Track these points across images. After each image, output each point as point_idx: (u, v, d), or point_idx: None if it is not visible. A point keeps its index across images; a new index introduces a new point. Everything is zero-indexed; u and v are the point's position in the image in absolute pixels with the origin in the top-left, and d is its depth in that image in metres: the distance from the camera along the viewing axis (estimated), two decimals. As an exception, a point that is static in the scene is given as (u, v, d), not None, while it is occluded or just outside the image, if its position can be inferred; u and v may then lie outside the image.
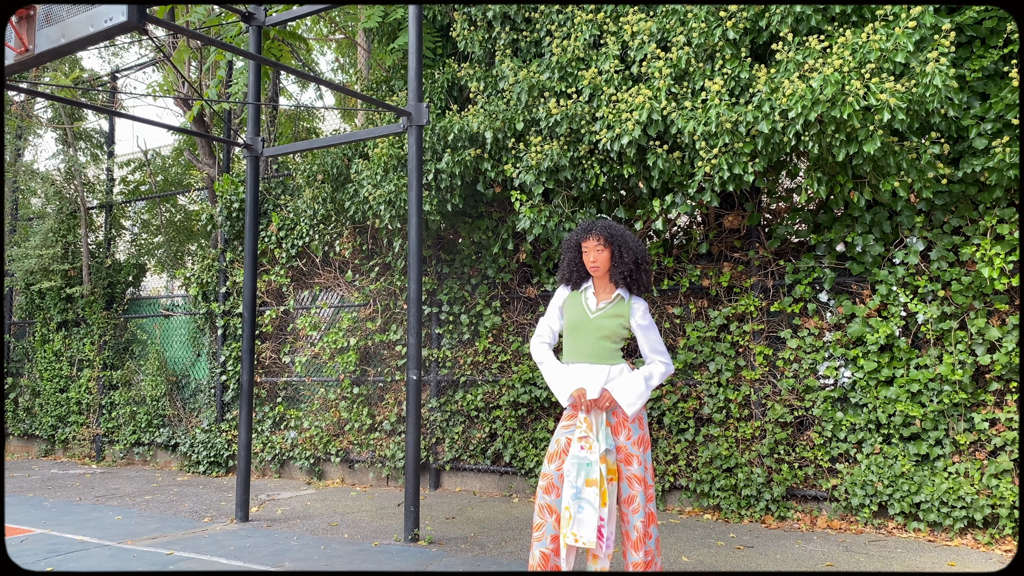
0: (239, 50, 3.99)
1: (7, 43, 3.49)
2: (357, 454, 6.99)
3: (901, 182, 4.48)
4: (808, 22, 4.54)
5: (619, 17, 5.24)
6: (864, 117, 4.21)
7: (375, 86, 7.00)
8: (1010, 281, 4.51)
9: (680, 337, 5.63)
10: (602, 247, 3.34)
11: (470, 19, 5.95)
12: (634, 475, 3.23)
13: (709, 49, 4.79)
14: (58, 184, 9.52)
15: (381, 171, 5.99)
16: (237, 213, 7.67)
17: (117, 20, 3.15)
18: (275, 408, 7.52)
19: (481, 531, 5.00)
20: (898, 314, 4.86)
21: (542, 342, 3.45)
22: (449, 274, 6.65)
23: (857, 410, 4.96)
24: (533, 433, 6.07)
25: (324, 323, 7.39)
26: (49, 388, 9.40)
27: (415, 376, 4.75)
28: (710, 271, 5.53)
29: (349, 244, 7.11)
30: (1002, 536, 4.45)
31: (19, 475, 7.96)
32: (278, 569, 4.16)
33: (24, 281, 9.54)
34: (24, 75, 8.83)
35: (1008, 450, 4.53)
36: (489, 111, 5.42)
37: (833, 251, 5.09)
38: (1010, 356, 4.49)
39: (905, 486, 4.65)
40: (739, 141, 4.54)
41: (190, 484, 7.16)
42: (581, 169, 5.19)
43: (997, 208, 4.60)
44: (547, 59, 5.41)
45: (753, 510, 5.18)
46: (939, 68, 4.08)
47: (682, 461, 5.47)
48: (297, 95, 15.11)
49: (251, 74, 5.56)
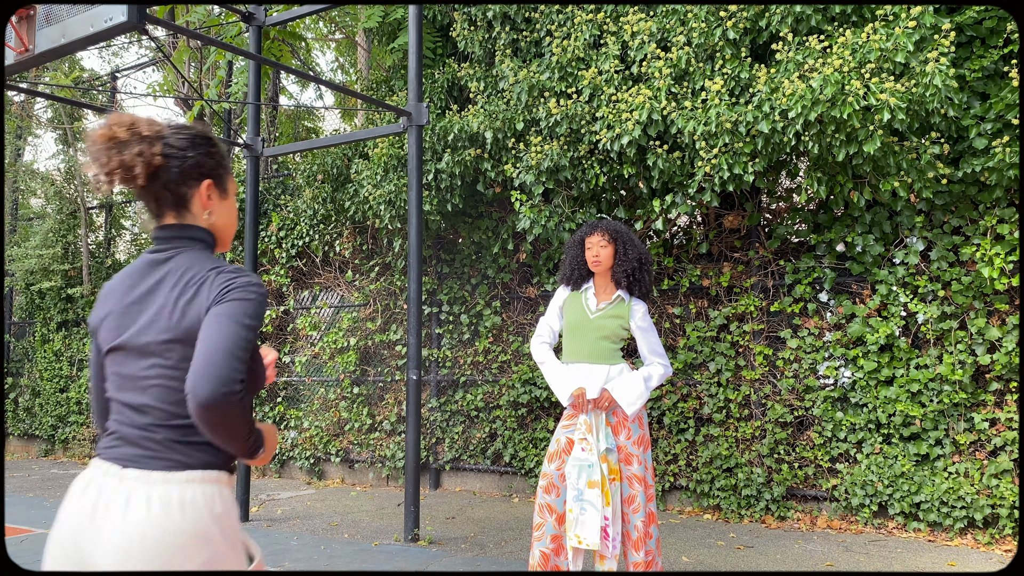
0: (239, 50, 3.99)
1: (7, 43, 3.49)
2: (357, 454, 6.99)
3: (901, 182, 4.48)
4: (808, 22, 4.54)
5: (619, 17, 5.24)
6: (864, 117, 4.21)
7: (375, 86, 7.00)
8: (1010, 281, 4.51)
9: (680, 337, 5.63)
10: (606, 243, 3.34)
11: (470, 19, 5.95)
12: (634, 475, 3.23)
13: (709, 49, 4.79)
14: (58, 184, 9.53)
15: (381, 171, 5.99)
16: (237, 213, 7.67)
17: (117, 20, 3.15)
18: (275, 408, 7.52)
19: (481, 531, 5.00)
20: (898, 314, 4.86)
21: (542, 342, 3.45)
22: (449, 274, 6.65)
23: (857, 410, 4.96)
24: (533, 433, 6.07)
25: (324, 323, 7.39)
26: (49, 388, 9.41)
27: (415, 376, 4.75)
28: (710, 271, 5.53)
29: (349, 244, 7.11)
30: (1002, 536, 4.45)
31: (19, 475, 7.96)
32: (278, 569, 4.16)
33: (24, 281, 9.54)
34: (24, 75, 8.83)
35: (1008, 450, 4.53)
36: (489, 111, 5.42)
37: (833, 251, 5.10)
38: (1010, 356, 4.49)
39: (905, 486, 4.65)
40: (739, 141, 4.54)
41: (190, 484, 7.15)
42: (581, 169, 5.19)
43: (997, 208, 4.60)
44: (547, 59, 5.41)
45: (753, 510, 5.18)
46: (939, 68, 4.08)
47: (682, 461, 5.47)
48: (297, 95, 15.11)
49: (251, 74, 5.56)
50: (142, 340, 1.35)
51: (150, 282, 1.39)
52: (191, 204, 1.44)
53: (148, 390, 1.34)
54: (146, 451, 1.33)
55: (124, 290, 1.41)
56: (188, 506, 1.28)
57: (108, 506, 1.27)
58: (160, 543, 1.25)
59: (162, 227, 1.43)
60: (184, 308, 1.34)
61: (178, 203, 1.43)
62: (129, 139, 1.33)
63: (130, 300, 1.39)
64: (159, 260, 1.41)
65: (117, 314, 1.40)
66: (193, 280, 1.36)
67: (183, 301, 1.34)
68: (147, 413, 1.34)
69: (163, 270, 1.40)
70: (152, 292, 1.38)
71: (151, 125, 1.37)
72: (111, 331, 1.39)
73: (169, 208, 1.43)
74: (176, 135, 1.42)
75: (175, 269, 1.39)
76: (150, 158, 1.36)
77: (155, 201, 1.42)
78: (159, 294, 1.37)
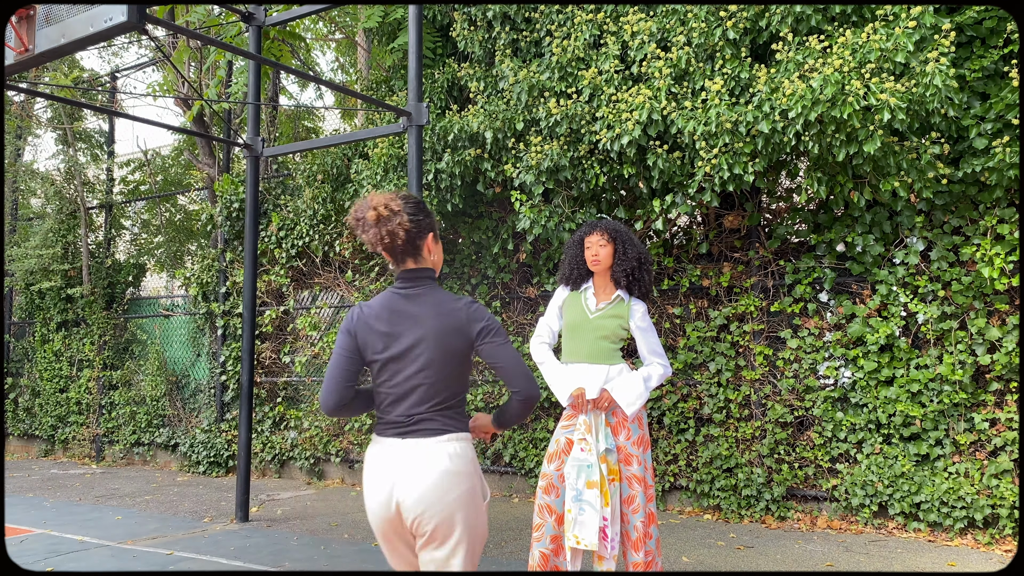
0: (239, 50, 3.99)
1: (7, 43, 3.48)
2: (357, 454, 6.99)
3: (901, 182, 4.48)
4: (808, 22, 4.54)
5: (619, 17, 5.24)
6: (864, 117, 4.21)
7: (375, 86, 7.00)
8: (1010, 281, 4.51)
9: (680, 337, 5.63)
10: (605, 242, 3.34)
11: (470, 19, 5.94)
12: (634, 475, 3.23)
13: (709, 49, 4.79)
14: (58, 184, 9.52)
15: (381, 171, 5.99)
16: (237, 213, 7.67)
17: (117, 20, 3.14)
18: (275, 408, 7.52)
19: (481, 531, 4.99)
20: (898, 314, 4.86)
21: (542, 342, 3.44)
22: (449, 274, 6.65)
23: (857, 410, 4.96)
24: (533, 433, 6.07)
25: (324, 323, 7.39)
26: (49, 388, 9.40)
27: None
28: (710, 271, 5.53)
29: (349, 244, 7.11)
30: (1002, 536, 4.45)
31: (19, 475, 7.96)
32: (278, 569, 4.16)
33: (24, 281, 9.54)
34: (24, 75, 8.83)
35: (1008, 450, 4.53)
36: (489, 111, 5.42)
37: (833, 251, 5.09)
38: (1010, 356, 4.49)
39: (905, 486, 4.65)
40: (739, 141, 4.54)
41: (190, 484, 7.16)
42: (581, 169, 5.19)
43: (997, 208, 4.60)
44: (547, 59, 5.41)
45: (753, 510, 5.18)
46: (939, 68, 4.08)
47: (682, 461, 5.46)
48: (297, 95, 15.12)
49: (251, 74, 5.56)
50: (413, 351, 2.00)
51: (411, 309, 2.01)
52: (422, 251, 2.04)
53: (417, 387, 2.00)
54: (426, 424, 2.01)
55: (387, 315, 2.02)
56: (455, 456, 1.98)
57: (415, 457, 1.97)
58: (449, 473, 1.96)
59: (406, 271, 2.04)
60: (448, 328, 1.99)
61: (415, 252, 2.03)
62: (389, 215, 1.95)
63: (395, 321, 2.00)
64: (411, 295, 2.03)
65: (380, 334, 2.01)
66: (447, 310, 2.01)
67: (447, 324, 1.99)
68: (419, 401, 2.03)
69: (417, 300, 2.01)
70: (414, 315, 2.01)
71: (394, 202, 1.97)
72: (377, 346, 2.02)
73: (410, 256, 2.03)
74: (407, 205, 2.00)
75: (427, 300, 2.01)
76: (405, 226, 1.97)
77: (401, 253, 2.01)
78: (422, 316, 2.00)
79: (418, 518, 1.94)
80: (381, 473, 1.98)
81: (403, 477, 1.95)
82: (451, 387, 2.01)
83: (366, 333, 2.02)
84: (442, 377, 1.99)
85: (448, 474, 1.95)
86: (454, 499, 1.94)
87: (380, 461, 2.00)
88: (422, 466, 1.95)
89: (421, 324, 1.99)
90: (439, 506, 1.93)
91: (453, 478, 1.95)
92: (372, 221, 1.95)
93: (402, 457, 1.97)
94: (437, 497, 1.93)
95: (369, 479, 2.01)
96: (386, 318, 2.01)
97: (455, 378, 2.01)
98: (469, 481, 1.98)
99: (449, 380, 2.00)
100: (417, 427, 1.99)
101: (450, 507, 1.94)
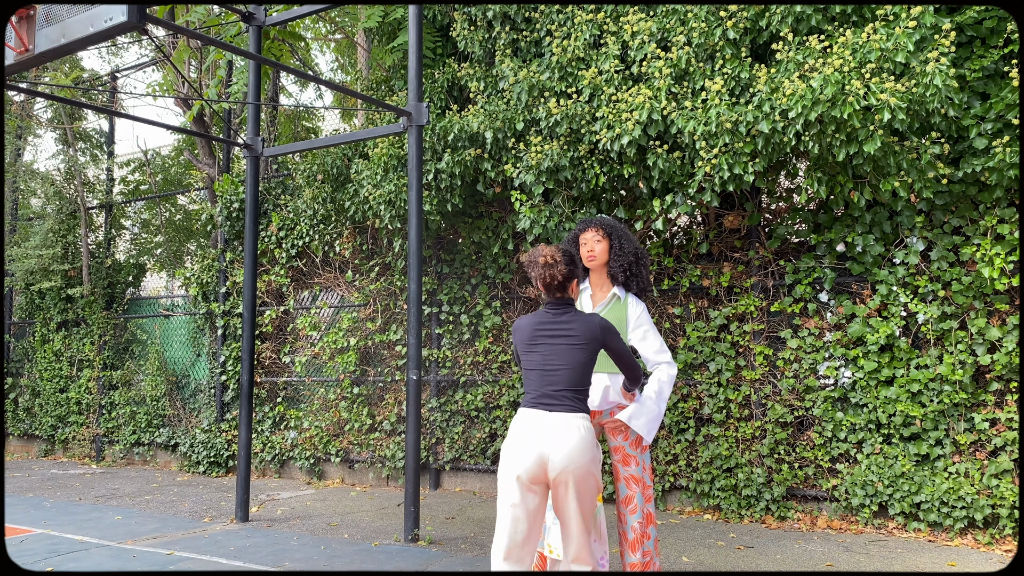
0: (239, 50, 3.99)
1: (7, 43, 3.49)
2: (357, 454, 6.99)
3: (901, 182, 4.48)
4: (808, 22, 4.54)
5: (619, 17, 5.24)
6: (864, 117, 4.21)
7: (375, 86, 7.00)
8: (1010, 281, 4.51)
9: (680, 337, 5.63)
10: (600, 238, 3.34)
11: (470, 19, 5.94)
12: (632, 476, 3.23)
13: (709, 49, 4.79)
14: (58, 184, 9.53)
15: (381, 171, 5.99)
16: (237, 213, 7.67)
17: (117, 20, 3.15)
18: (275, 408, 7.52)
19: (481, 531, 5.00)
20: (898, 314, 4.86)
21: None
22: (449, 274, 6.65)
23: (857, 410, 4.96)
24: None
25: (324, 323, 7.39)
26: (49, 388, 9.40)
27: (415, 376, 4.75)
28: (710, 271, 5.53)
29: (349, 244, 7.11)
30: (1002, 536, 4.45)
31: (19, 475, 7.96)
32: (278, 569, 4.16)
33: (24, 281, 9.54)
34: (24, 75, 8.83)
35: (1008, 450, 4.53)
36: (489, 111, 5.42)
37: (833, 251, 5.09)
38: (1010, 356, 4.49)
39: (905, 486, 4.65)
40: (739, 141, 4.54)
41: (190, 484, 7.16)
42: (581, 169, 5.19)
43: (997, 208, 4.60)
44: (547, 59, 5.41)
45: (753, 510, 5.18)
46: (939, 68, 4.08)
47: (682, 461, 5.46)
48: (297, 95, 15.13)
49: (251, 74, 5.56)
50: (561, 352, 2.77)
51: (557, 325, 2.77)
52: (568, 288, 2.80)
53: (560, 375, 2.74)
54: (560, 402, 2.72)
55: (536, 326, 2.80)
56: (585, 429, 2.67)
57: (556, 429, 2.65)
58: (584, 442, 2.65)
59: (555, 300, 2.80)
60: (586, 334, 2.75)
61: (563, 289, 2.79)
62: (554, 263, 2.75)
63: (544, 331, 2.77)
64: (559, 316, 2.78)
65: (529, 339, 2.80)
66: (585, 323, 2.76)
67: (585, 332, 2.75)
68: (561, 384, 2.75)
69: (564, 319, 2.76)
70: (562, 329, 2.77)
71: (558, 254, 2.77)
72: (527, 347, 2.81)
73: (560, 292, 2.79)
74: (564, 256, 2.78)
75: (572, 320, 2.76)
76: (564, 271, 2.76)
77: (556, 289, 2.78)
78: (570, 329, 2.76)
79: (563, 471, 2.57)
80: (532, 435, 2.64)
81: (551, 440, 2.61)
82: (583, 378, 2.73)
83: (520, 340, 2.87)
84: (576, 368, 2.74)
85: (583, 441, 2.61)
86: (589, 460, 2.60)
87: (529, 427, 2.67)
88: (565, 434, 2.63)
89: (566, 334, 2.75)
90: (578, 463, 2.58)
91: (587, 444, 2.63)
92: (541, 265, 2.75)
93: (551, 424, 2.64)
94: (577, 455, 2.58)
95: (518, 439, 2.64)
96: (534, 328, 2.81)
97: (585, 371, 2.73)
98: (594, 450, 2.65)
99: (583, 371, 2.73)
100: (560, 404, 2.68)
101: (586, 465, 2.59)
